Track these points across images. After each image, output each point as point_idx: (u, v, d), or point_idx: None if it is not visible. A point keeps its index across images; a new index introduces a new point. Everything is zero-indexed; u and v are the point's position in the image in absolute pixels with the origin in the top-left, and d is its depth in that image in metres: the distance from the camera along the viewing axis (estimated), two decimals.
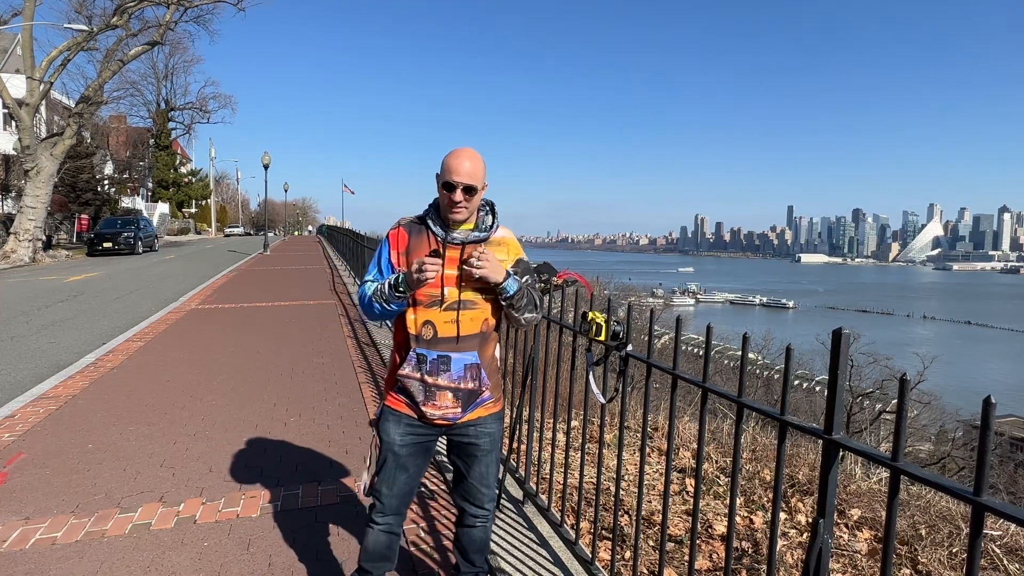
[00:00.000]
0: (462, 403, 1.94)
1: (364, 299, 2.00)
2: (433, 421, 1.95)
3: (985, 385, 37.78)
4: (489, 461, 2.07)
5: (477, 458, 2.05)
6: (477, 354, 1.94)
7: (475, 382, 1.94)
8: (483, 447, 2.03)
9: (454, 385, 1.92)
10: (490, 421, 2.04)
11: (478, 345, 1.95)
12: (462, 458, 2.06)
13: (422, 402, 1.92)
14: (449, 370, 1.91)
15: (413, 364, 1.92)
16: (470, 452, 2.04)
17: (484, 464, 2.06)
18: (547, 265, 2.95)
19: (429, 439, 2.02)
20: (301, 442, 4.18)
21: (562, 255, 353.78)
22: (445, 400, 1.92)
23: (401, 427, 1.98)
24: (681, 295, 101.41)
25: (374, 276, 2.03)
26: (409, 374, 1.93)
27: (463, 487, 2.10)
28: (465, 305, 1.91)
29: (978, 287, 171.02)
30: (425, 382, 1.91)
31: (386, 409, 2.03)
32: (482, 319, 1.95)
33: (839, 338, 1.46)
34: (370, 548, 2.06)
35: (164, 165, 52.22)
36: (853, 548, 2.98)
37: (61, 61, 21.31)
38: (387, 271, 2.00)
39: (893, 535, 1.34)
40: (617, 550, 2.64)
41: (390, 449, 2.00)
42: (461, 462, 2.07)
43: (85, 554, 2.76)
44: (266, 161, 27.79)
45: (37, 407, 4.93)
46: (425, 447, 2.03)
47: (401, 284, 1.89)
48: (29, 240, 20.71)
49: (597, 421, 4.37)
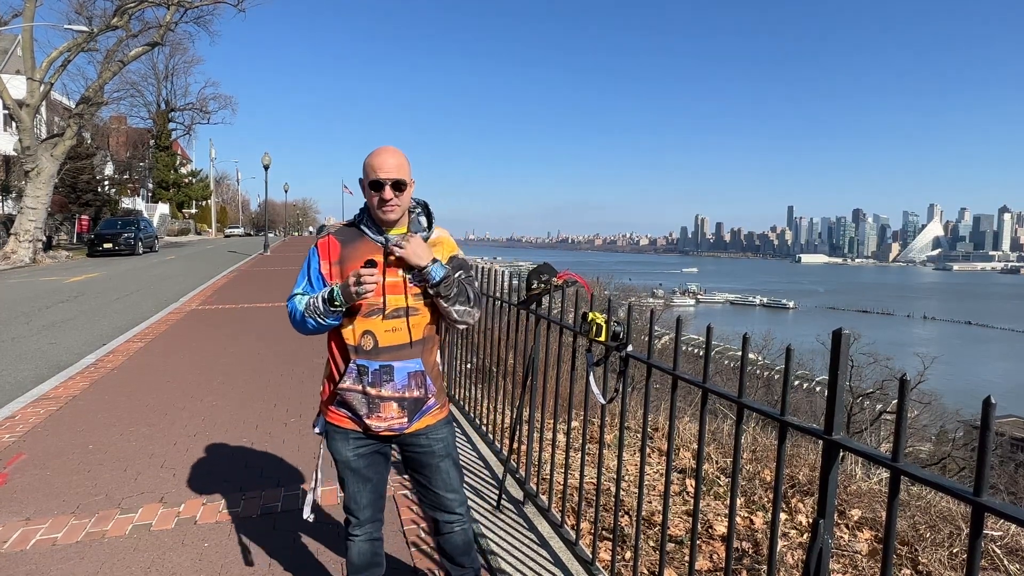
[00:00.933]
0: (408, 412, 1.88)
1: (295, 315, 1.89)
2: (379, 433, 1.88)
3: (985, 385, 37.76)
4: (448, 466, 2.01)
5: (435, 466, 1.98)
6: (421, 361, 1.88)
7: (420, 390, 1.88)
8: (439, 453, 1.98)
9: (399, 395, 1.85)
10: (439, 427, 1.98)
11: (421, 352, 1.89)
12: (420, 470, 2.00)
13: (366, 415, 1.85)
14: (393, 380, 1.84)
15: (354, 376, 1.84)
16: (426, 462, 1.98)
17: (444, 470, 2.00)
18: (547, 266, 2.95)
19: (383, 444, 1.97)
20: (301, 442, 4.18)
21: (562, 256, 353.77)
22: (390, 411, 1.86)
23: (350, 443, 1.92)
24: (681, 295, 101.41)
25: (303, 289, 1.93)
26: (350, 387, 1.85)
27: (430, 498, 2.03)
28: (406, 312, 1.85)
29: (978, 287, 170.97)
30: (368, 394, 1.84)
31: (329, 427, 1.96)
32: (423, 324, 1.89)
33: (839, 338, 1.46)
34: (356, 560, 2.03)
35: (164, 166, 52.22)
36: (854, 548, 2.98)
37: (61, 62, 21.34)
38: (318, 284, 1.91)
39: (893, 535, 1.34)
40: (617, 550, 2.64)
41: (347, 467, 1.94)
42: (420, 474, 2.01)
43: (86, 555, 2.76)
44: (266, 162, 27.81)
45: (38, 408, 4.93)
46: (381, 453, 1.98)
47: (336, 298, 1.80)
48: (29, 241, 20.72)
49: (597, 422, 4.37)
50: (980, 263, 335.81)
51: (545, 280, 2.87)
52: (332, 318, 1.84)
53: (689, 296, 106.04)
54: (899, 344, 47.49)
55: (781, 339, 30.52)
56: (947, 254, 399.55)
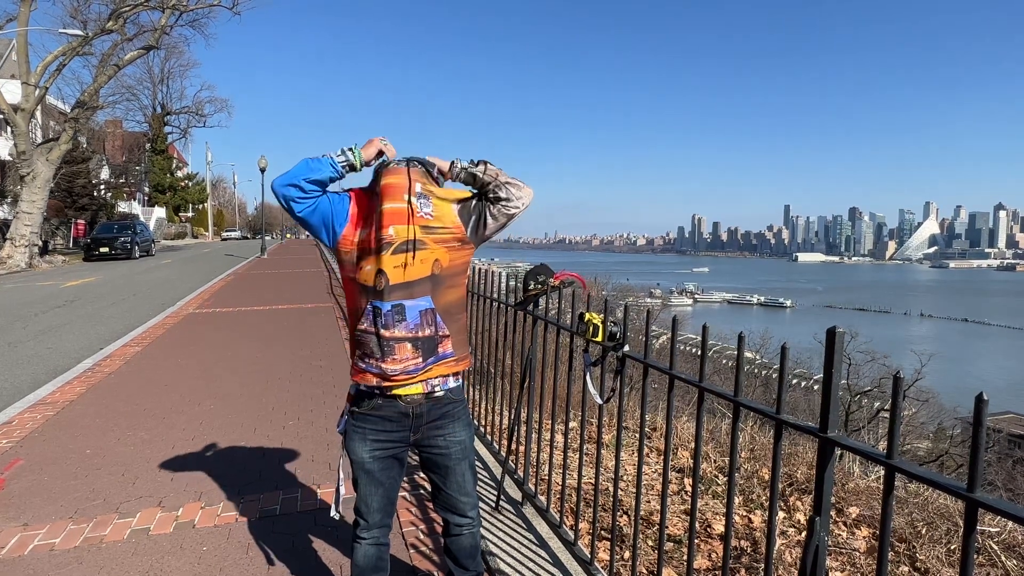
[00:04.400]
0: (423, 353, 1.86)
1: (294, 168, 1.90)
2: (395, 379, 1.85)
3: (982, 382, 37.84)
4: (463, 469, 2.02)
5: (451, 468, 2.00)
6: (431, 299, 1.87)
7: (431, 327, 1.86)
8: (455, 456, 1.99)
9: (412, 334, 1.84)
10: (459, 429, 1.99)
11: (430, 289, 1.87)
12: (436, 471, 2.02)
13: (381, 359, 1.84)
14: (405, 319, 1.84)
15: (370, 319, 1.85)
16: (443, 464, 1.99)
17: (459, 473, 2.01)
18: (544, 267, 2.95)
19: (399, 449, 1.97)
20: (299, 445, 4.18)
21: (560, 256, 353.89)
22: (405, 352, 1.84)
23: (367, 443, 1.93)
24: (679, 295, 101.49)
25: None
26: (367, 329, 1.85)
27: (443, 499, 2.06)
28: (415, 245, 1.84)
29: (975, 284, 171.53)
30: (381, 336, 1.83)
31: (350, 427, 1.96)
32: (432, 260, 1.87)
33: (833, 337, 1.47)
34: (361, 563, 2.03)
35: (160, 169, 52.15)
36: (852, 546, 2.99)
37: (56, 66, 21.28)
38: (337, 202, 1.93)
39: (888, 532, 1.35)
40: (616, 550, 2.65)
41: (361, 468, 1.95)
42: (436, 475, 2.03)
43: (84, 560, 2.76)
44: (263, 165, 27.78)
45: (35, 413, 4.92)
46: (396, 458, 1.98)
47: (355, 148, 1.88)
48: (25, 246, 20.67)
49: (595, 422, 4.38)
50: (976, 260, 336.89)
51: (542, 281, 2.87)
52: (329, 170, 1.88)
53: (687, 296, 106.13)
54: (896, 342, 47.57)
55: (779, 338, 30.52)
56: (943, 252, 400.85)
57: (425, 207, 1.87)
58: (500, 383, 4.00)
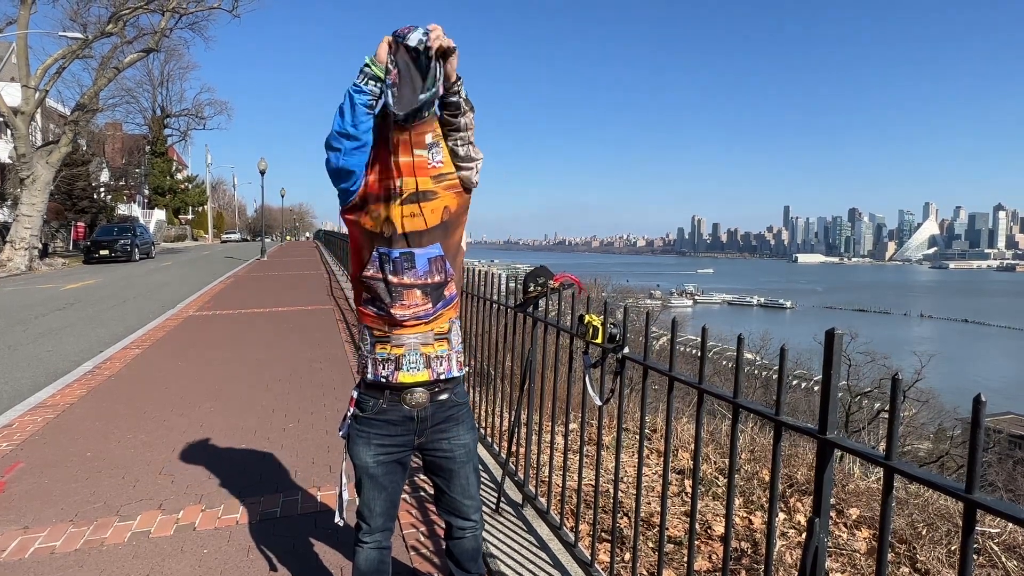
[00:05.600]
0: (432, 299, 1.85)
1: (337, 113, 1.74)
2: (404, 324, 1.83)
3: (982, 383, 37.85)
4: (468, 472, 2.01)
5: (455, 471, 1.99)
6: (440, 246, 1.84)
7: (441, 274, 1.85)
8: (459, 459, 1.98)
9: (421, 281, 1.82)
10: (464, 432, 1.98)
11: (440, 237, 1.84)
12: (440, 474, 2.01)
13: (389, 304, 1.82)
14: (414, 267, 1.81)
15: (376, 265, 1.81)
16: (447, 467, 1.98)
17: (463, 476, 2.00)
18: (544, 268, 2.96)
19: (403, 453, 1.95)
20: (300, 448, 4.18)
21: (559, 258, 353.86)
22: (414, 299, 1.82)
23: (372, 448, 1.92)
24: (679, 296, 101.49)
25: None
26: (373, 275, 1.82)
27: (446, 502, 2.04)
28: (424, 196, 1.79)
29: (975, 285, 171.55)
30: (389, 282, 1.81)
31: (353, 431, 1.95)
32: (442, 207, 1.83)
33: (832, 338, 1.47)
34: (362, 566, 2.03)
35: (160, 172, 52.18)
36: (852, 547, 2.99)
37: (56, 69, 21.31)
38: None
39: (888, 533, 1.35)
40: (616, 552, 2.65)
41: (365, 472, 1.94)
42: (440, 479, 2.02)
43: (84, 563, 2.76)
44: (262, 167, 27.80)
45: (35, 416, 4.92)
46: (400, 462, 1.97)
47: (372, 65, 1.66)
48: (25, 248, 20.69)
49: (595, 423, 4.38)
50: (976, 261, 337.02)
51: (542, 283, 2.88)
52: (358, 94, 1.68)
53: (687, 297, 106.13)
54: (896, 342, 47.58)
55: (778, 339, 30.55)
56: (943, 252, 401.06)
57: (436, 156, 1.79)
58: (500, 385, 4.00)
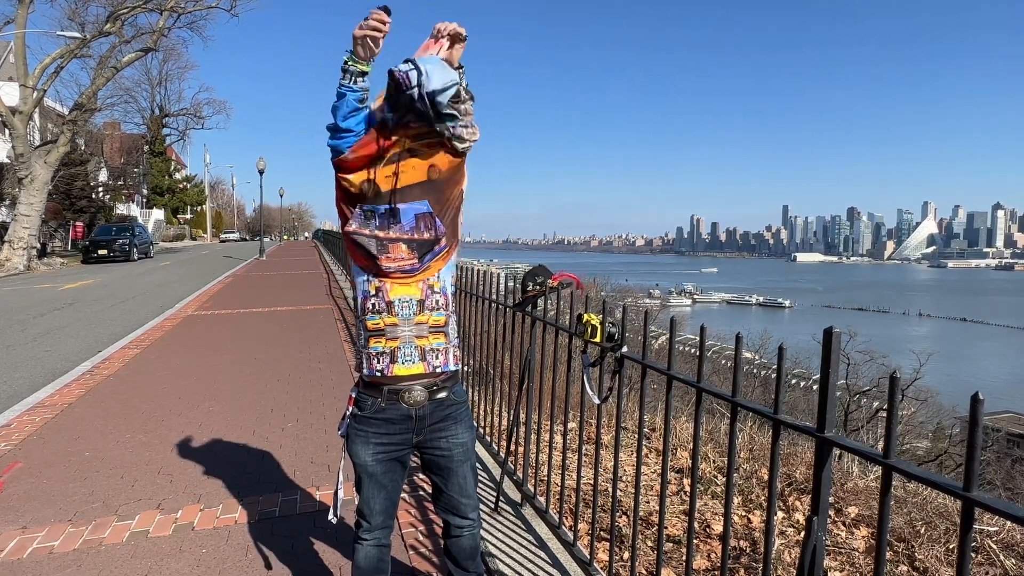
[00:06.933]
0: (418, 254, 1.83)
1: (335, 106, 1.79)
2: (391, 276, 1.84)
3: (981, 382, 37.88)
4: (465, 471, 2.02)
5: (453, 470, 1.99)
6: (428, 203, 1.82)
7: (430, 232, 1.83)
8: (457, 458, 1.98)
9: (408, 236, 1.82)
10: (462, 431, 1.98)
11: (427, 193, 1.82)
12: (438, 473, 2.02)
13: (376, 255, 1.82)
14: (400, 222, 1.81)
15: (360, 219, 1.82)
16: (444, 465, 1.99)
17: (461, 475, 2.01)
18: (542, 268, 2.96)
19: (402, 451, 1.96)
20: (299, 447, 4.18)
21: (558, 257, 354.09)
22: (399, 252, 1.82)
23: (371, 447, 1.92)
24: (678, 295, 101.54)
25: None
26: (357, 230, 1.82)
27: (444, 501, 2.05)
28: (407, 154, 1.78)
29: (973, 284, 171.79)
30: (376, 236, 1.81)
31: (352, 430, 1.96)
32: (427, 165, 1.81)
33: (830, 337, 1.47)
34: (362, 564, 2.03)
35: (159, 171, 52.14)
36: (850, 545, 3.00)
37: (54, 68, 21.27)
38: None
39: (886, 531, 1.35)
40: (615, 551, 2.65)
41: (364, 471, 1.94)
42: (438, 477, 2.02)
43: (83, 563, 2.75)
44: (261, 167, 27.79)
45: (33, 416, 4.91)
46: (399, 460, 1.97)
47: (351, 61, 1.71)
48: (24, 248, 20.66)
49: (594, 422, 4.38)
50: (975, 260, 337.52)
51: (541, 282, 2.88)
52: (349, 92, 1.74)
53: (686, 296, 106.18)
54: (895, 341, 47.58)
55: (777, 338, 30.55)
56: (942, 251, 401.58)
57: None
58: (499, 384, 4.01)
